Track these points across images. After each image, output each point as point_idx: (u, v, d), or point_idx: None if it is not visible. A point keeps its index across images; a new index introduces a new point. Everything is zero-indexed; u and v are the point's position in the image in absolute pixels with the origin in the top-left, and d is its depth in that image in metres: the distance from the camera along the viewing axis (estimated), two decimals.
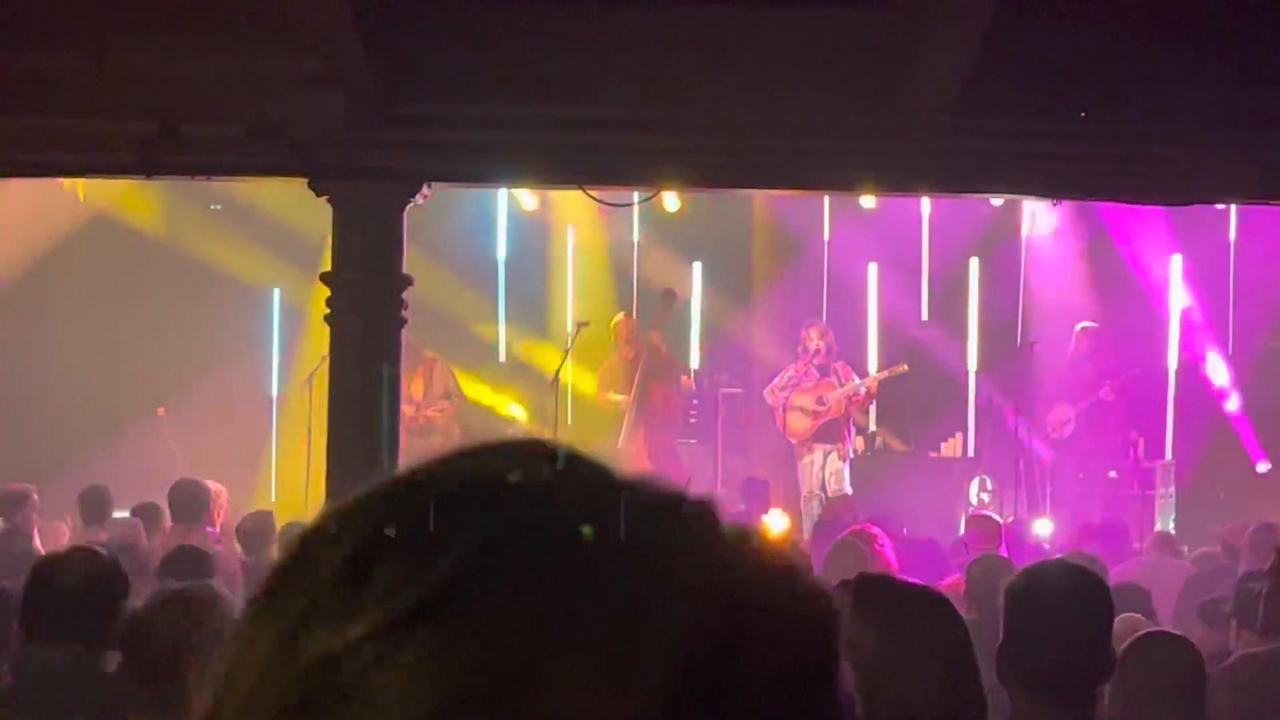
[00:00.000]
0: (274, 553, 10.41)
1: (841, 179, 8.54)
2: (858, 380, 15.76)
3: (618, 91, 7.64)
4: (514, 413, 17.59)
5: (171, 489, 10.81)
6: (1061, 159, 7.97)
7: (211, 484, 11.58)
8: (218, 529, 10.87)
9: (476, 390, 17.84)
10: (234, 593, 7.66)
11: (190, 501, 10.57)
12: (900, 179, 8.37)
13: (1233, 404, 17.04)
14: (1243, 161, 7.92)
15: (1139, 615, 7.56)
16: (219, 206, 16.87)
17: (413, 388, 15.21)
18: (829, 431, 15.70)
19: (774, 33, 7.55)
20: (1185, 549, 13.71)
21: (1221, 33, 7.35)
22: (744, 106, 7.67)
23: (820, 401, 15.66)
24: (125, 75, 7.63)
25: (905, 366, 16.18)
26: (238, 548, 10.47)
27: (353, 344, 7.98)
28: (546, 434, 15.71)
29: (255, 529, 10.62)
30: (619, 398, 16.05)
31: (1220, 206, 15.01)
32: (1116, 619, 6.35)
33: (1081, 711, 4.16)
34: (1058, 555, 12.01)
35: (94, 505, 11.37)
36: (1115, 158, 7.99)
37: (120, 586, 4.89)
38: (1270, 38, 7.25)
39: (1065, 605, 4.28)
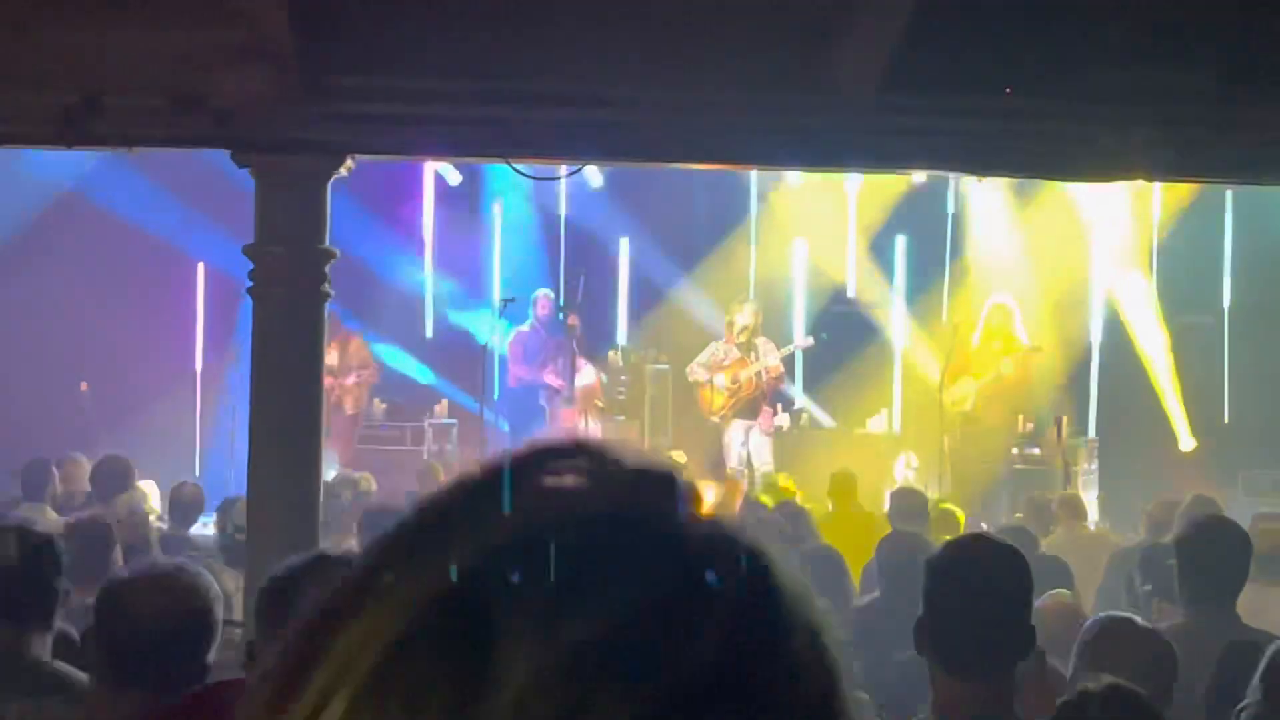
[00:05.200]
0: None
1: (767, 156, 8.54)
2: (767, 359, 15.82)
3: (543, 66, 7.62)
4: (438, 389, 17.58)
5: (96, 467, 10.69)
6: (987, 136, 7.99)
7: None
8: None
9: (402, 365, 17.82)
10: None
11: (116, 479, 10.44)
12: (826, 156, 8.37)
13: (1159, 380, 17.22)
14: (1162, 140, 7.97)
15: (1064, 591, 7.61)
16: None
17: (327, 359, 15.17)
18: (746, 408, 15.77)
19: (699, 8, 7.55)
20: (1107, 525, 13.86)
21: (1142, 14, 7.39)
22: (669, 82, 7.67)
23: (734, 379, 15.73)
24: (47, 46, 7.55)
25: (812, 340, 16.28)
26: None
27: (276, 318, 7.93)
28: (476, 404, 15.78)
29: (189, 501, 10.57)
30: (556, 381, 16.06)
31: (1141, 184, 15.11)
32: (1042, 595, 6.42)
33: (1000, 687, 4.19)
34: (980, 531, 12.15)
35: (35, 480, 11.15)
36: (1040, 135, 8.02)
37: (55, 566, 4.81)
38: (1189, 19, 7.30)
39: (985, 581, 4.30)
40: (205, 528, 11.22)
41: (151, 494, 11.84)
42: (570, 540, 0.94)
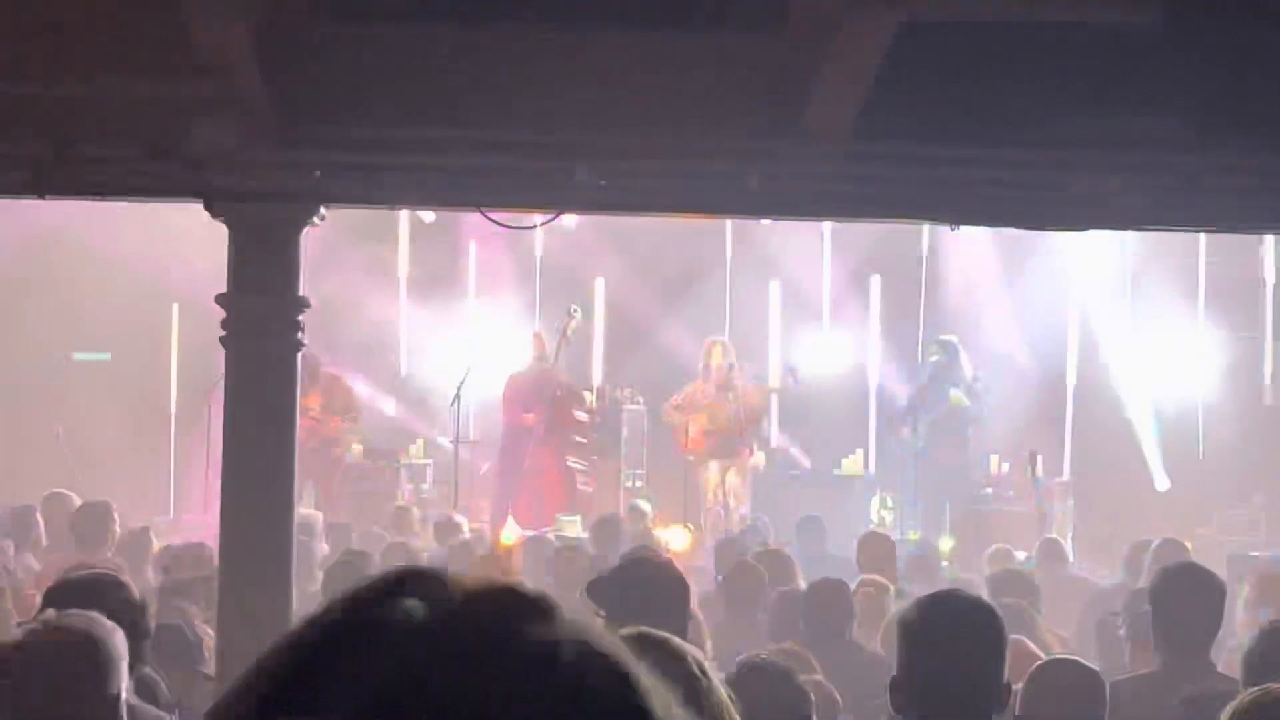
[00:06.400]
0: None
1: (740, 205, 8.54)
2: (744, 398, 15.84)
3: (515, 115, 7.62)
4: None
5: (77, 513, 10.64)
6: (960, 185, 8.01)
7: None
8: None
9: (377, 405, 17.80)
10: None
11: (94, 525, 10.39)
12: (799, 205, 8.38)
13: (1137, 420, 17.25)
14: (1136, 189, 8.00)
15: (1023, 638, 7.58)
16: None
17: (308, 401, 15.16)
18: (722, 448, 15.76)
19: (672, 58, 7.56)
20: (1083, 567, 13.85)
21: (1113, 62, 7.42)
22: (641, 132, 7.67)
23: (711, 419, 15.74)
24: (17, 95, 7.53)
25: (789, 380, 16.30)
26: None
27: (249, 367, 7.91)
28: (452, 445, 15.75)
29: (133, 545, 10.52)
30: (528, 416, 16.08)
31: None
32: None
33: None
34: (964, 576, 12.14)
35: (21, 525, 11.04)
36: (1013, 184, 8.04)
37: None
38: (1160, 67, 7.33)
39: (959, 638, 4.31)
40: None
41: None
42: (435, 681, 0.95)
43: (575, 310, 16.54)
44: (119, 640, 4.20)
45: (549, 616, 1.00)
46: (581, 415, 16.53)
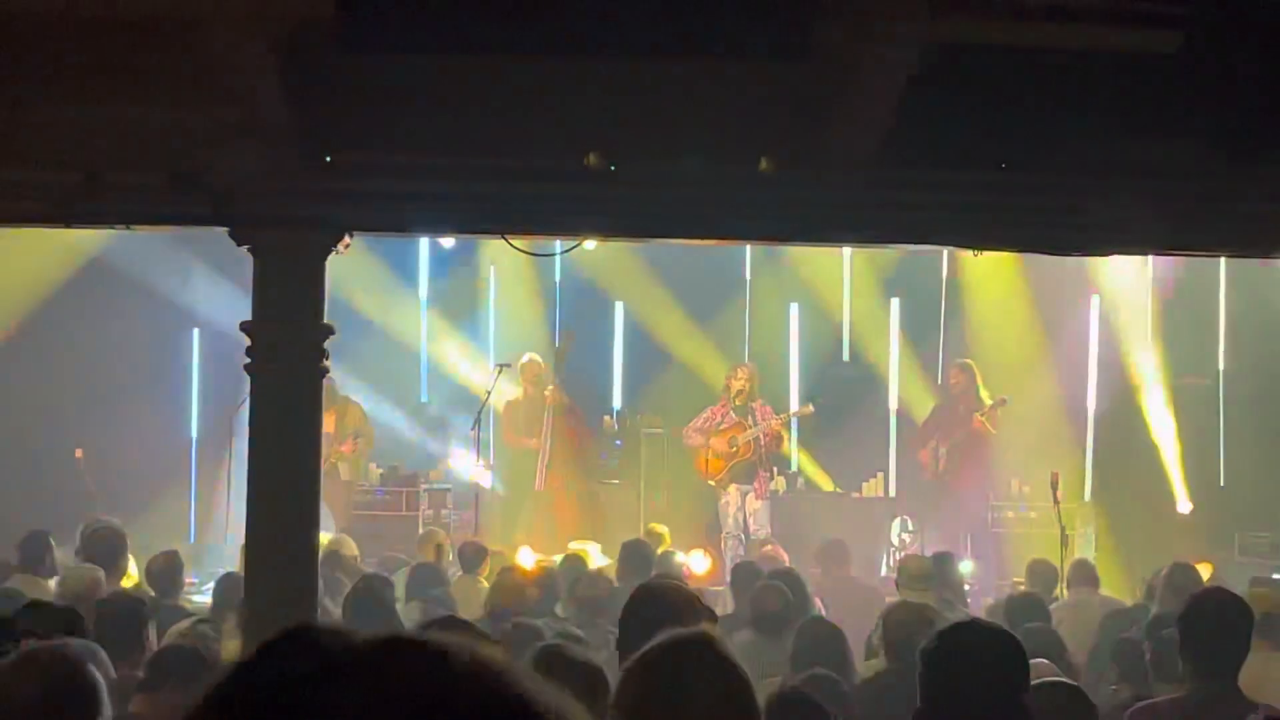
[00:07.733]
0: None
1: (762, 230, 8.58)
2: (765, 423, 15.82)
3: (540, 142, 7.65)
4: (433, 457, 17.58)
5: (88, 536, 10.61)
6: (982, 210, 8.03)
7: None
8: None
9: (397, 429, 17.82)
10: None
11: (104, 549, 10.36)
12: (821, 230, 8.41)
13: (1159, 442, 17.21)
14: (1156, 213, 8.01)
15: (1044, 661, 7.57)
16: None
17: (324, 427, 15.16)
18: (743, 472, 15.76)
19: (695, 84, 7.59)
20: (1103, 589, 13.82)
21: (1135, 88, 7.44)
22: (665, 157, 7.69)
23: (731, 443, 15.74)
24: (45, 124, 7.58)
25: (810, 407, 16.29)
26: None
27: (273, 394, 7.94)
28: (470, 472, 15.77)
29: (164, 569, 10.51)
30: (532, 440, 16.11)
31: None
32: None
33: None
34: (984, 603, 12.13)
35: (36, 550, 11.07)
36: (1035, 209, 8.06)
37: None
38: (1180, 93, 7.35)
39: (981, 670, 4.33)
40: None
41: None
42: None
43: (569, 332, 16.61)
44: (100, 665, 4.19)
45: (440, 661, 1.02)
46: (588, 437, 16.55)
